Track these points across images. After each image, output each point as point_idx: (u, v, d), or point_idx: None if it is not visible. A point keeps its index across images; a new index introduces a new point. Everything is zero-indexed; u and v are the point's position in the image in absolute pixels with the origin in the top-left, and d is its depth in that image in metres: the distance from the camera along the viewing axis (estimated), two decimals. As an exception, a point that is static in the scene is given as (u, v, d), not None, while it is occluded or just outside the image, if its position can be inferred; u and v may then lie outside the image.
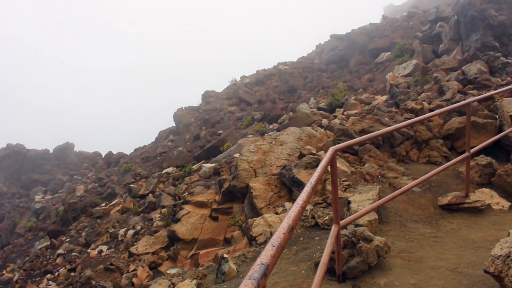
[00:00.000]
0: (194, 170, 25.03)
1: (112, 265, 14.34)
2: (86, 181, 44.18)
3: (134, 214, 22.54)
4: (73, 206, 31.01)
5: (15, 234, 39.28)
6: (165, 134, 45.52)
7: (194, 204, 15.15)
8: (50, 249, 25.29)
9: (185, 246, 13.74)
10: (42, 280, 20.06)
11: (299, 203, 3.30)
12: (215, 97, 48.47)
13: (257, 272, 2.14)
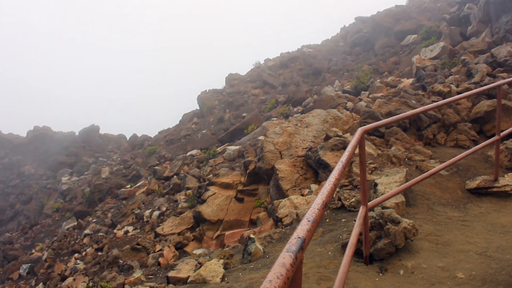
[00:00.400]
0: (218, 153, 25.15)
1: (139, 245, 14.54)
2: (111, 163, 44.73)
3: (159, 196, 22.78)
4: (99, 187, 31.48)
5: (43, 215, 40.06)
6: (189, 117, 45.70)
7: (220, 186, 15.24)
8: (77, 229, 25.76)
9: (211, 227, 13.86)
10: (70, 259, 20.47)
11: (332, 180, 3.31)
12: (238, 80, 48.38)
13: (294, 245, 2.15)
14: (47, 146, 57.04)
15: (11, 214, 45.69)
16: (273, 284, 1.75)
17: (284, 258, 2.00)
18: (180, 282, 8.20)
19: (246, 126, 27.81)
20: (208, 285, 7.07)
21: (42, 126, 61.98)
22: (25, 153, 56.47)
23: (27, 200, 46.40)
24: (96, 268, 15.82)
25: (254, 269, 7.41)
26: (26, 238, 35.30)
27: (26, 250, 31.03)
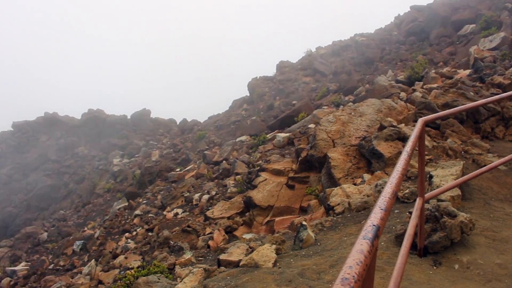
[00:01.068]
0: (268, 139, 25.21)
1: (189, 227, 14.80)
2: (161, 147, 45.51)
3: (208, 180, 23.07)
4: (149, 170, 32.12)
5: (94, 194, 41.28)
6: (239, 103, 45.93)
7: (271, 172, 15.30)
8: (128, 209, 26.41)
9: (261, 213, 13.96)
10: (121, 238, 21.03)
11: (399, 170, 3.31)
12: (289, 67, 48.21)
13: (370, 232, 2.17)
14: (100, 128, 58.51)
15: (65, 193, 47.24)
16: (353, 270, 1.76)
17: (361, 245, 2.02)
18: (231, 265, 8.32)
19: (296, 113, 27.73)
20: (260, 269, 7.14)
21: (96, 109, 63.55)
22: (79, 135, 58.10)
23: (80, 179, 47.85)
24: (147, 247, 16.20)
25: (306, 256, 7.44)
26: (78, 216, 36.48)
27: (78, 227, 32.09)
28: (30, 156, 55.50)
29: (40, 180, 49.48)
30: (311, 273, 6.42)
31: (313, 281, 6.12)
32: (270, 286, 6.26)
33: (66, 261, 22.82)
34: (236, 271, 7.55)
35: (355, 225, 8.54)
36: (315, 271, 6.49)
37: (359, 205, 9.20)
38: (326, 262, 6.74)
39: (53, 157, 53.86)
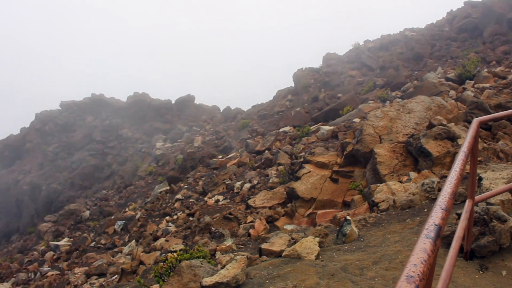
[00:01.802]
0: (311, 131, 25.11)
1: (231, 214, 14.92)
2: (204, 133, 45.91)
3: (250, 169, 23.16)
4: (192, 155, 32.47)
5: (136, 176, 42.02)
6: (283, 94, 45.84)
7: (315, 164, 15.24)
8: (169, 193, 26.80)
9: (303, 204, 13.94)
10: (162, 220, 21.38)
11: (457, 169, 3.27)
12: (336, 60, 47.82)
13: (433, 232, 2.15)
14: (145, 111, 59.39)
15: (108, 173, 48.28)
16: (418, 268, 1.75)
17: (424, 244, 2.00)
18: (272, 255, 8.36)
19: (342, 107, 27.51)
20: (303, 261, 7.15)
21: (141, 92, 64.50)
22: (124, 117, 59.16)
23: (123, 161, 48.80)
24: (187, 232, 16.42)
25: (349, 251, 7.41)
26: (120, 197, 37.25)
27: (120, 208, 32.77)
28: (76, 136, 56.89)
29: (85, 159, 50.69)
30: (354, 269, 6.39)
31: (356, 277, 6.10)
32: (312, 278, 6.27)
33: (107, 240, 23.37)
34: (278, 261, 7.58)
35: (399, 223, 8.44)
36: (358, 266, 6.46)
37: (404, 203, 9.09)
38: (369, 259, 6.70)
39: (97, 138, 55.06)
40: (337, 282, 5.98)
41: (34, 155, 56.02)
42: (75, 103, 64.84)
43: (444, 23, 49.41)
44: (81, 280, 16.27)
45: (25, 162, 55.81)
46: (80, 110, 63.25)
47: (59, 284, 17.57)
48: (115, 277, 14.54)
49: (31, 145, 58.00)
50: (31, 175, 51.78)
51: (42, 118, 62.92)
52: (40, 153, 55.59)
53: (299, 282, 6.02)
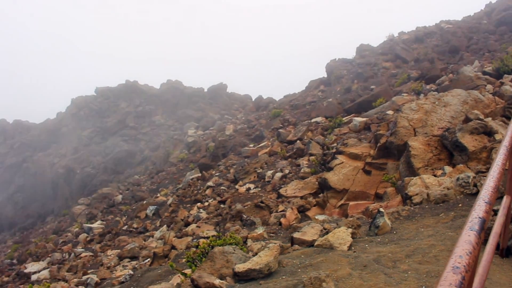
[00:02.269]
0: (344, 123, 24.97)
1: (263, 203, 15.01)
2: (236, 122, 46.08)
3: (282, 158, 23.20)
4: (223, 143, 32.66)
5: (168, 163, 42.49)
6: (315, 84, 45.63)
7: (348, 156, 15.19)
8: (201, 180, 27.05)
9: (335, 195, 13.94)
10: (193, 207, 21.61)
11: (499, 163, 3.27)
12: (369, 51, 47.31)
13: (477, 224, 2.16)
14: (177, 99, 59.93)
15: (140, 159, 48.97)
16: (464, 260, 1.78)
17: (469, 236, 2.02)
18: (304, 244, 8.41)
19: (375, 99, 27.23)
20: (335, 251, 7.19)
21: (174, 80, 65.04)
22: (157, 104, 59.79)
23: (155, 147, 49.41)
24: (218, 219, 16.59)
25: (381, 243, 7.41)
26: (152, 182, 37.76)
27: (151, 193, 33.25)
28: (110, 121, 57.78)
29: (118, 144, 51.49)
30: (387, 261, 6.40)
31: (389, 269, 6.10)
32: (344, 268, 6.30)
33: (139, 224, 23.78)
34: (310, 250, 7.63)
35: (433, 217, 8.39)
36: (390, 259, 6.46)
37: (438, 197, 9.01)
38: (402, 252, 6.69)
39: (131, 124, 55.82)
40: (370, 274, 6.00)
41: (69, 139, 57.15)
42: (109, 89, 65.81)
43: (482, 15, 48.28)
44: (113, 262, 16.64)
45: (60, 146, 57.01)
46: (114, 96, 64.18)
47: (92, 265, 18.00)
48: (147, 260, 14.82)
49: (67, 129, 59.19)
50: (66, 158, 52.90)
51: (77, 103, 64.12)
52: (75, 138, 56.68)
53: (332, 272, 6.06)
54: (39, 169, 53.93)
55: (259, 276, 6.52)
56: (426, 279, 5.56)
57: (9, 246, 41.27)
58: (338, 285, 5.77)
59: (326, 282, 5.35)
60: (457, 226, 7.44)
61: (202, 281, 6.56)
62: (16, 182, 56.64)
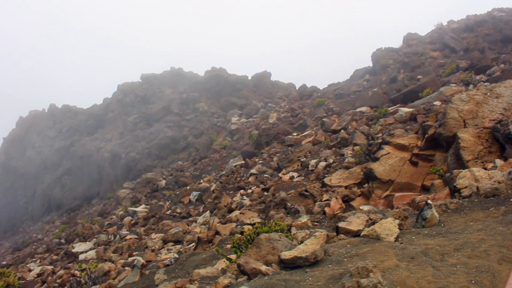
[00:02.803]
0: (389, 113, 24.63)
1: (307, 191, 15.00)
2: (279, 110, 46.04)
3: (325, 147, 23.10)
4: (267, 131, 32.73)
5: (211, 150, 42.91)
6: (360, 73, 45.11)
7: (395, 146, 14.99)
8: (244, 168, 27.23)
9: (381, 186, 13.80)
10: (236, 194, 21.79)
11: None
12: (417, 40, 46.34)
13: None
14: (221, 86, 60.20)
15: (184, 145, 49.53)
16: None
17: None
18: (349, 234, 8.38)
19: (422, 89, 26.74)
20: (382, 242, 7.13)
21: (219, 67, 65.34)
22: (201, 91, 60.24)
23: (199, 134, 49.87)
24: (262, 206, 16.68)
25: (429, 236, 7.31)
26: (195, 169, 38.23)
27: (194, 179, 33.68)
28: (154, 107, 58.61)
29: (162, 130, 52.20)
30: (435, 254, 6.31)
31: (437, 262, 6.02)
32: (391, 259, 6.25)
33: (182, 209, 24.14)
34: (356, 240, 7.60)
35: (482, 211, 8.21)
36: (438, 252, 6.37)
37: (489, 191, 8.81)
38: (451, 245, 6.58)
39: (175, 110, 56.46)
40: (417, 266, 5.94)
41: (115, 125, 58.33)
42: (154, 76, 66.73)
43: (539, 3, 46.48)
44: (158, 245, 16.97)
45: (106, 131, 58.25)
46: (159, 83, 65.06)
47: (137, 248, 18.40)
48: (191, 245, 15.05)
49: (113, 115, 60.40)
50: (112, 143, 54.05)
51: (123, 89, 65.29)
52: (121, 123, 57.81)
53: (378, 263, 6.03)
54: (86, 153, 55.28)
55: (305, 264, 6.54)
56: (476, 274, 5.47)
57: (57, 226, 42.66)
58: (385, 276, 5.74)
59: (373, 272, 5.33)
60: (508, 221, 7.27)
61: (248, 266, 6.63)
62: (64, 165, 58.30)
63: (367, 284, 4.95)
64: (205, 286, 7.35)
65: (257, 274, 6.51)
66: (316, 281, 5.85)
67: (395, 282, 5.54)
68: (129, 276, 11.76)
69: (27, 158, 64.49)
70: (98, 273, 13.53)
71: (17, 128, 73.24)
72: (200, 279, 8.16)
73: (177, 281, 8.20)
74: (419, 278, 5.53)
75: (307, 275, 6.13)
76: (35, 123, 70.26)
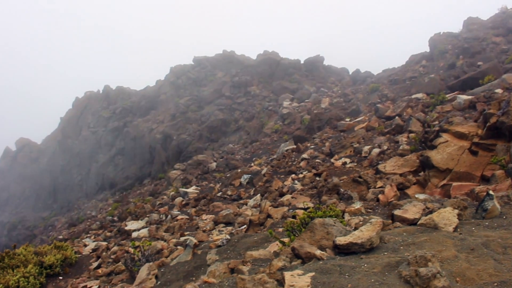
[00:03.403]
0: (447, 100, 23.92)
1: (361, 178, 14.80)
2: (332, 95, 45.61)
3: (379, 134, 22.71)
4: (319, 116, 32.48)
5: (262, 133, 42.98)
6: (416, 59, 44.01)
7: (453, 134, 14.54)
8: (295, 152, 27.15)
9: (437, 175, 13.44)
10: (287, 178, 21.76)
11: None
12: (478, 25, 44.71)
13: None
14: (273, 70, 60.05)
15: (235, 128, 49.84)
16: None
17: None
18: (405, 222, 8.22)
19: (482, 76, 25.81)
20: (439, 232, 6.95)
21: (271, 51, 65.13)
22: (252, 74, 60.25)
23: (250, 117, 50.01)
24: (313, 191, 16.58)
25: (489, 227, 7.07)
26: (246, 152, 38.43)
27: (245, 162, 33.86)
28: (206, 90, 59.10)
29: (213, 113, 52.63)
30: (496, 246, 6.10)
31: (498, 255, 5.82)
32: (450, 250, 6.08)
33: (233, 192, 24.31)
34: (413, 229, 7.44)
35: (547, 203, 7.90)
36: (500, 244, 6.15)
37: (555, 182, 8.45)
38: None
39: (226, 93, 56.76)
40: (477, 258, 5.76)
41: (167, 106, 59.18)
42: (207, 59, 67.17)
43: None
44: (209, 226, 17.16)
45: (159, 113, 59.19)
46: (211, 66, 65.45)
47: (188, 228, 18.67)
48: (243, 227, 15.14)
49: (165, 96, 61.28)
50: (164, 125, 54.89)
51: (176, 71, 66.07)
52: (173, 105, 58.59)
53: (436, 253, 5.87)
54: (138, 133, 56.41)
55: (360, 250, 6.46)
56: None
57: (110, 204, 43.92)
58: (444, 266, 5.60)
59: (431, 262, 5.20)
60: None
61: (303, 250, 6.60)
62: (117, 145, 59.78)
63: (425, 274, 4.83)
64: (258, 268, 7.36)
65: (311, 258, 6.47)
66: (371, 268, 5.77)
67: (454, 273, 5.39)
68: (181, 255, 11.93)
69: (82, 137, 66.41)
70: (151, 251, 13.79)
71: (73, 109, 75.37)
72: (253, 260, 8.18)
73: (230, 262, 8.24)
74: (480, 271, 5.37)
75: (362, 262, 6.06)
76: (90, 103, 72.10)
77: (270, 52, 65.46)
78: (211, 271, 8.07)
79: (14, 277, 13.83)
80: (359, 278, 5.48)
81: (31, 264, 14.84)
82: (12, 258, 15.48)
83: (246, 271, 7.41)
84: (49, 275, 15.07)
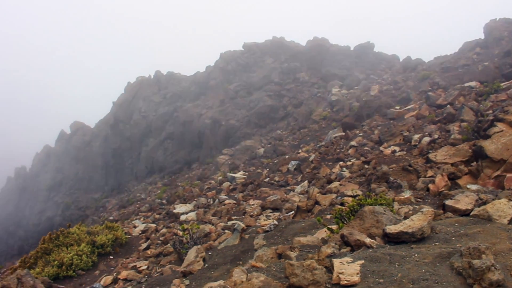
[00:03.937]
0: (501, 89, 23.19)
1: (411, 166, 14.61)
2: (381, 82, 44.87)
3: (430, 122, 22.27)
4: (368, 104, 32.09)
5: (310, 120, 42.79)
6: (470, 46, 42.76)
7: (509, 124, 14.12)
8: (344, 139, 26.95)
9: (491, 165, 13.12)
10: (335, 165, 21.67)
11: None
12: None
13: None
14: (323, 57, 59.46)
15: (283, 114, 49.78)
16: None
17: None
18: (456, 213, 8.11)
19: (540, 64, 24.93)
20: (493, 223, 6.84)
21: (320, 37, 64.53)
22: (301, 61, 59.90)
23: (298, 104, 49.82)
24: (362, 179, 16.48)
25: (547, 221, 6.91)
26: (293, 138, 38.40)
27: (293, 148, 33.87)
28: (255, 76, 59.13)
29: (262, 99, 52.65)
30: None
31: (557, 251, 5.69)
32: (504, 243, 5.99)
33: (280, 178, 24.43)
34: (465, 219, 7.35)
35: None
36: (558, 238, 6.01)
37: None
38: None
39: (275, 79, 56.63)
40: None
41: (216, 92, 59.57)
42: (256, 45, 67.12)
43: None
44: (256, 211, 17.34)
45: (208, 98, 59.65)
46: (260, 52, 65.36)
47: (235, 212, 18.92)
48: (290, 213, 15.23)
49: (215, 82, 61.66)
50: (213, 110, 55.35)
51: (225, 57, 66.34)
52: (222, 90, 58.95)
53: (490, 245, 5.77)
54: (188, 118, 57.04)
55: (411, 239, 6.43)
56: None
57: (159, 187, 44.81)
58: (497, 259, 5.52)
59: (485, 254, 5.13)
60: None
61: (352, 238, 6.62)
62: (166, 129, 60.66)
63: (479, 266, 4.77)
64: (305, 254, 7.42)
65: (361, 246, 6.49)
66: (422, 258, 5.74)
67: (509, 266, 5.31)
68: (229, 239, 12.12)
69: (133, 121, 67.64)
70: (200, 234, 14.07)
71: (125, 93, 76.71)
72: (301, 247, 8.26)
73: (277, 247, 8.34)
74: (536, 266, 5.27)
75: (413, 251, 6.03)
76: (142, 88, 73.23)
77: (319, 38, 64.79)
78: (258, 256, 8.18)
79: (68, 255, 14.41)
80: (409, 268, 5.47)
81: (84, 243, 15.43)
82: (67, 236, 16.13)
83: (294, 257, 7.49)
84: (100, 254, 15.65)
